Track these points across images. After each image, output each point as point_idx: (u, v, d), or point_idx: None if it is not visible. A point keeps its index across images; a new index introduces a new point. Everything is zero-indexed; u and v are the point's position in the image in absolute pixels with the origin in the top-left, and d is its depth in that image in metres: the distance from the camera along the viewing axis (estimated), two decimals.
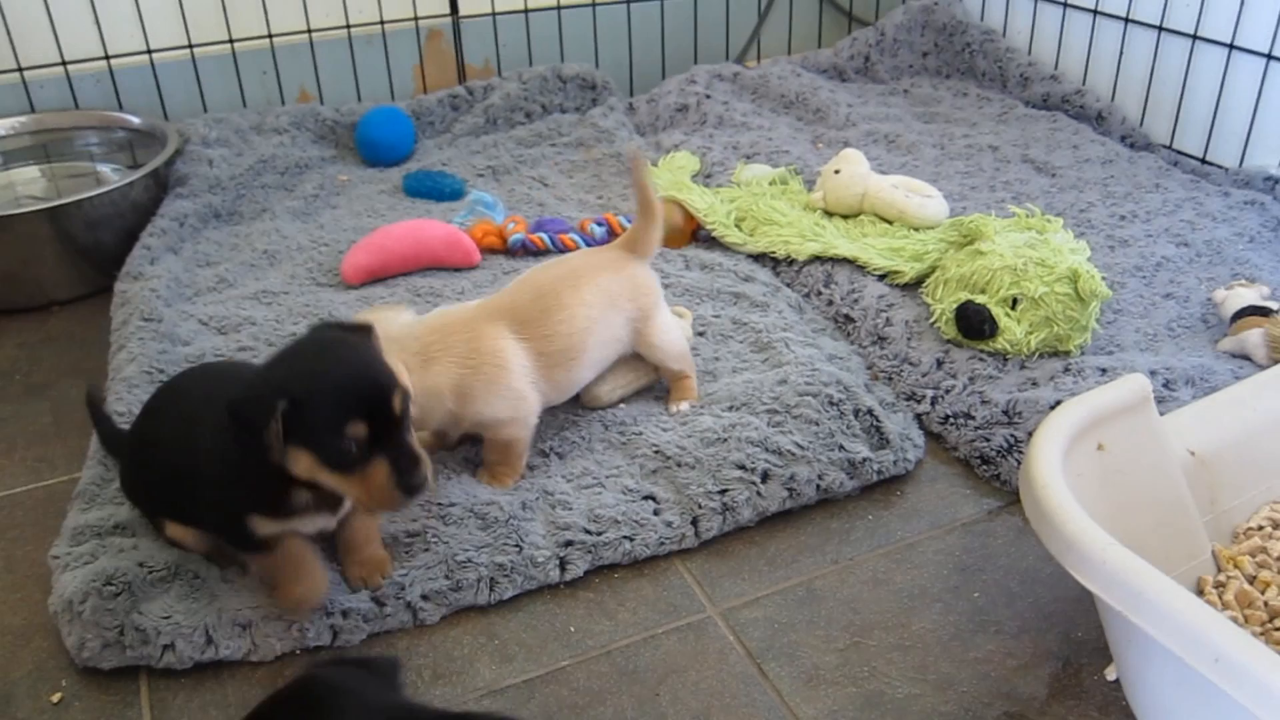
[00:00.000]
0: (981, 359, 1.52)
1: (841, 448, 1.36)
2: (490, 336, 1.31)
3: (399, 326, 1.29)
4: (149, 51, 2.25)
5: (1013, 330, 1.50)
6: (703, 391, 1.47)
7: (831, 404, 1.40)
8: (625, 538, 1.26)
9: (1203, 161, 2.19)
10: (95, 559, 1.20)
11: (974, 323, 1.51)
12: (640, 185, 1.41)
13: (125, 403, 1.45)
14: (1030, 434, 1.28)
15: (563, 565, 1.24)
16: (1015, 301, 1.51)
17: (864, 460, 1.36)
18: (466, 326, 1.31)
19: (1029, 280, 1.50)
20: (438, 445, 1.42)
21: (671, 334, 1.45)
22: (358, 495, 1.05)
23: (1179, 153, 2.23)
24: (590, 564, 1.25)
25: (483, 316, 1.33)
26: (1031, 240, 1.57)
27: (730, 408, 1.42)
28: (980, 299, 1.52)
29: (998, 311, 1.51)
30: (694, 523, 1.29)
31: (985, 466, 1.40)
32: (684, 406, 1.45)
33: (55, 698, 1.11)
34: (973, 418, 1.44)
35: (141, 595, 1.15)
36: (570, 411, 1.46)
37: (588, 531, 1.26)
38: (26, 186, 2.08)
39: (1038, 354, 1.52)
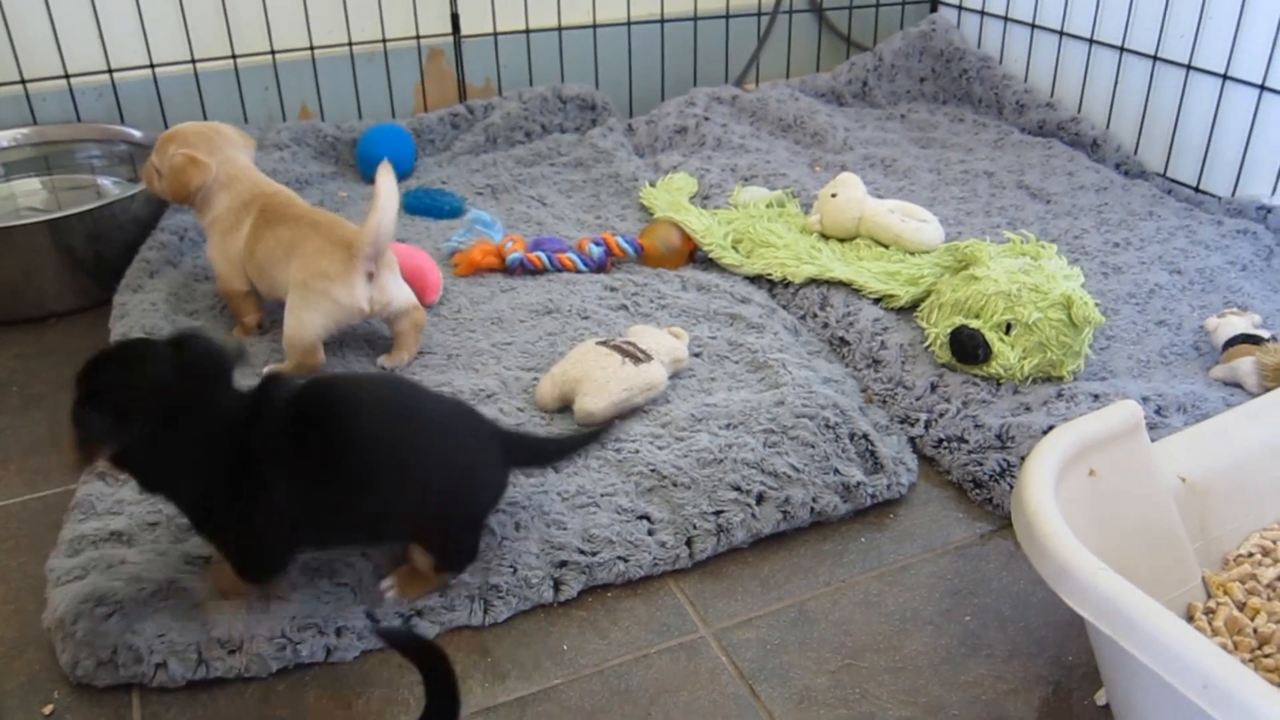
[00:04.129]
0: (975, 383, 1.53)
1: (836, 471, 1.37)
2: (250, 209, 1.65)
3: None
4: (151, 66, 2.26)
5: (1006, 355, 1.51)
6: (700, 408, 1.48)
7: (827, 427, 1.41)
8: (619, 558, 1.26)
9: (1196, 190, 2.21)
10: (87, 573, 1.19)
11: (968, 347, 1.52)
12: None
13: None
14: (1023, 459, 1.29)
15: (556, 586, 1.24)
16: (1009, 327, 1.52)
17: (858, 484, 1.37)
18: (248, 199, 1.66)
19: (1023, 306, 1.51)
20: None
21: (293, 317, 1.55)
22: None
23: (1173, 181, 2.25)
24: (584, 584, 1.25)
25: (256, 198, 1.65)
26: (1026, 266, 1.58)
27: (727, 425, 1.43)
28: (974, 324, 1.53)
29: (991, 336, 1.52)
30: (688, 543, 1.29)
31: (978, 490, 1.41)
32: (269, 368, 1.57)
33: (47, 710, 1.11)
34: (966, 441, 1.45)
35: (134, 614, 1.14)
36: (566, 428, 1.46)
37: (582, 552, 1.26)
38: (27, 198, 2.09)
39: (1031, 379, 1.53)
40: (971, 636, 1.20)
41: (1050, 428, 1.35)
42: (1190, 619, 1.12)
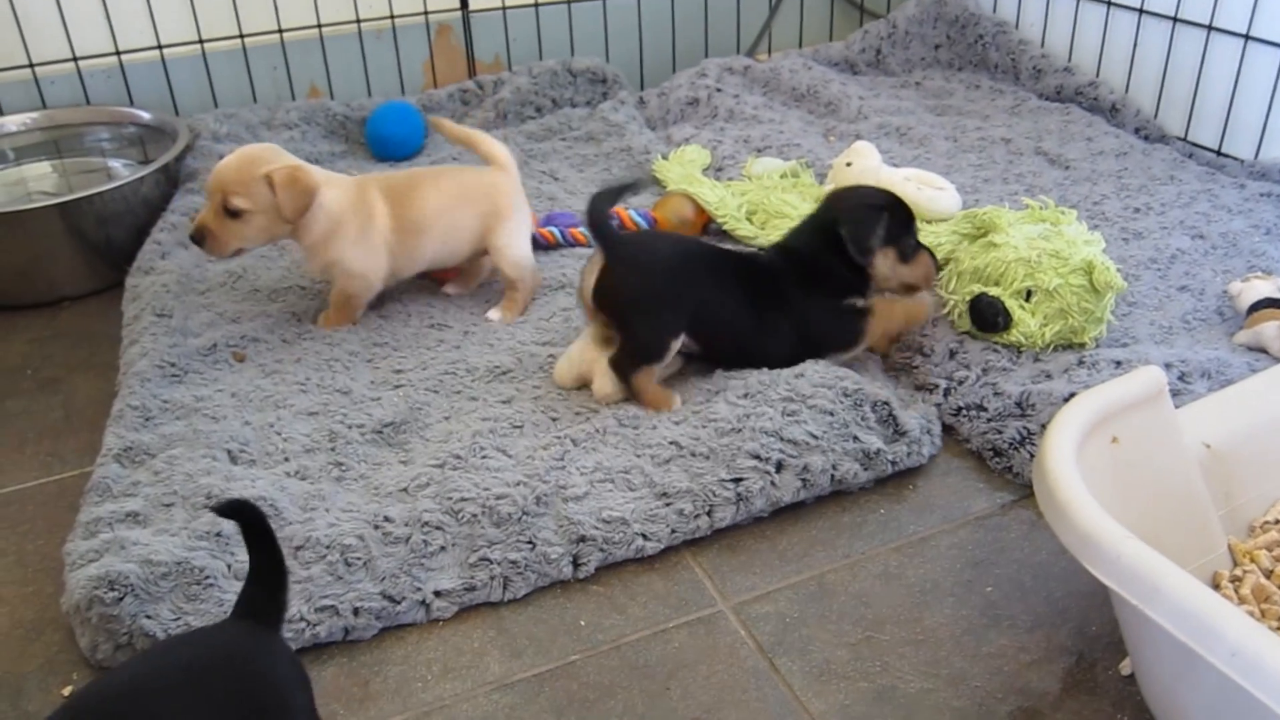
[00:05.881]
0: (995, 351, 1.51)
1: (856, 438, 1.36)
2: (370, 191, 1.62)
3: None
4: (160, 47, 2.25)
5: (1026, 322, 1.49)
6: (717, 380, 1.46)
7: (846, 395, 1.39)
8: (639, 534, 1.25)
9: (1218, 153, 2.17)
10: (100, 556, 1.19)
11: (988, 315, 1.50)
12: (456, 137, 1.71)
13: (139, 397, 1.45)
14: (1043, 426, 1.27)
15: (575, 562, 1.23)
16: (1029, 294, 1.50)
17: (878, 451, 1.35)
18: (356, 184, 1.63)
19: (1043, 272, 1.49)
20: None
21: (516, 241, 1.67)
22: (917, 278, 1.51)
23: (1194, 145, 2.22)
24: (602, 561, 1.24)
25: (365, 181, 1.64)
26: (1045, 232, 1.56)
27: (744, 395, 1.41)
28: (994, 291, 1.51)
29: (1011, 304, 1.50)
30: (709, 513, 1.28)
31: (998, 459, 1.40)
32: (493, 315, 1.67)
33: (66, 691, 1.11)
34: (985, 410, 1.43)
35: (146, 596, 1.14)
36: (584, 405, 1.45)
37: (599, 528, 1.25)
38: (38, 182, 2.09)
39: (1052, 346, 1.51)
40: (993, 607, 1.19)
41: (1071, 395, 1.34)
42: (1216, 587, 1.10)
